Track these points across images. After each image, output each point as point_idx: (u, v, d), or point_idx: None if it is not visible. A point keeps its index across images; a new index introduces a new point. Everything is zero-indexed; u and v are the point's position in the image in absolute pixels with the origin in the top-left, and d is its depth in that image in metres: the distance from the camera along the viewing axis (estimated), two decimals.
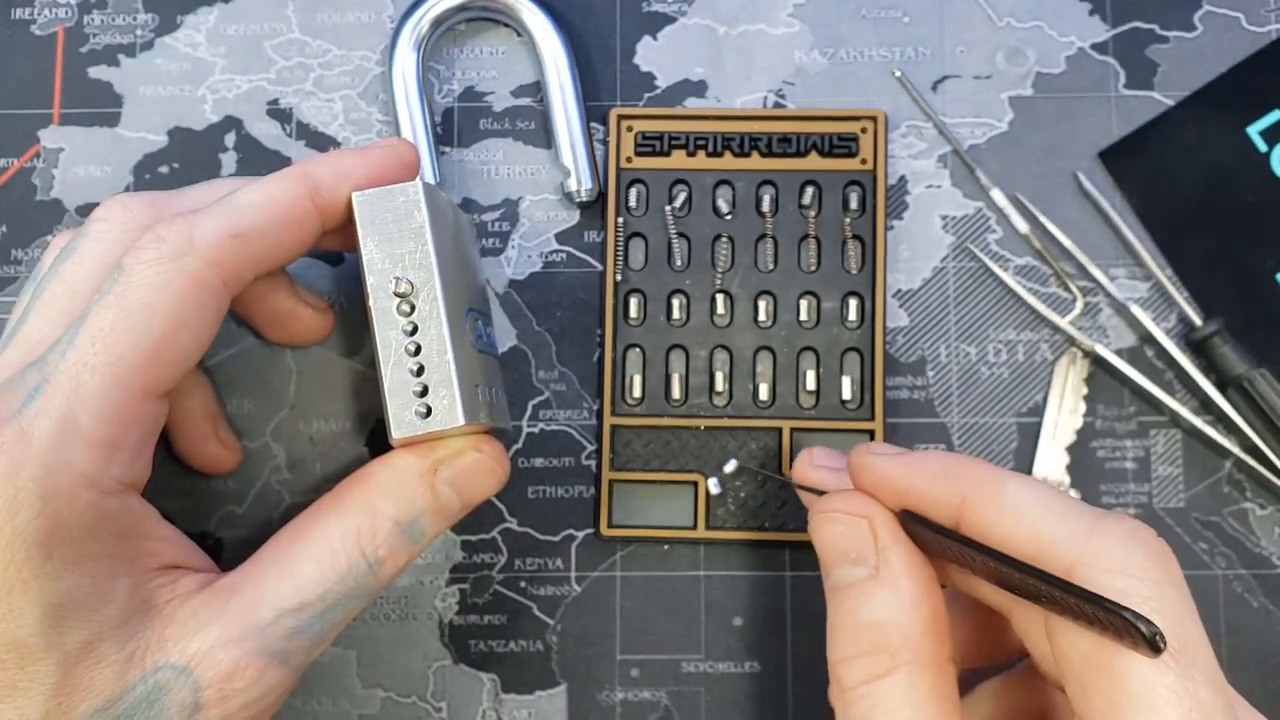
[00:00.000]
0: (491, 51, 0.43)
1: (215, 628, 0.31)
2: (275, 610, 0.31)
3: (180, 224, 0.31)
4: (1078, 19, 0.42)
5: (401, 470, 0.33)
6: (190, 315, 0.31)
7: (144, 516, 0.32)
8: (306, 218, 0.33)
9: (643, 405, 0.40)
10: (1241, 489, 0.40)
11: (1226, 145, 0.41)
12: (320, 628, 0.32)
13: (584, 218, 0.42)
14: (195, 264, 0.31)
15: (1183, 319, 0.41)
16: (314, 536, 0.32)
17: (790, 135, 0.41)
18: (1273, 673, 0.39)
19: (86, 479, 0.29)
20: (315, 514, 0.33)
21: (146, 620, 0.30)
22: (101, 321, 0.30)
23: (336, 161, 0.34)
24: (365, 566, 0.32)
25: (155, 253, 0.30)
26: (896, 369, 0.41)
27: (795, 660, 0.40)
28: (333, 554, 0.32)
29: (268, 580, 0.32)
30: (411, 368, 0.32)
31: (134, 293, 0.30)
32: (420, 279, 0.33)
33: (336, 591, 0.32)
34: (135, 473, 0.31)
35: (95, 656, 0.29)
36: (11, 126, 0.42)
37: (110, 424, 0.29)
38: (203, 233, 0.31)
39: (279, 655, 0.31)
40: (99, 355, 0.29)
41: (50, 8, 0.43)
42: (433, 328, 0.32)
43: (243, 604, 0.31)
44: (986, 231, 0.41)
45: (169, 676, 0.30)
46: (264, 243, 0.32)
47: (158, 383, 0.31)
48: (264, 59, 0.43)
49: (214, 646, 0.30)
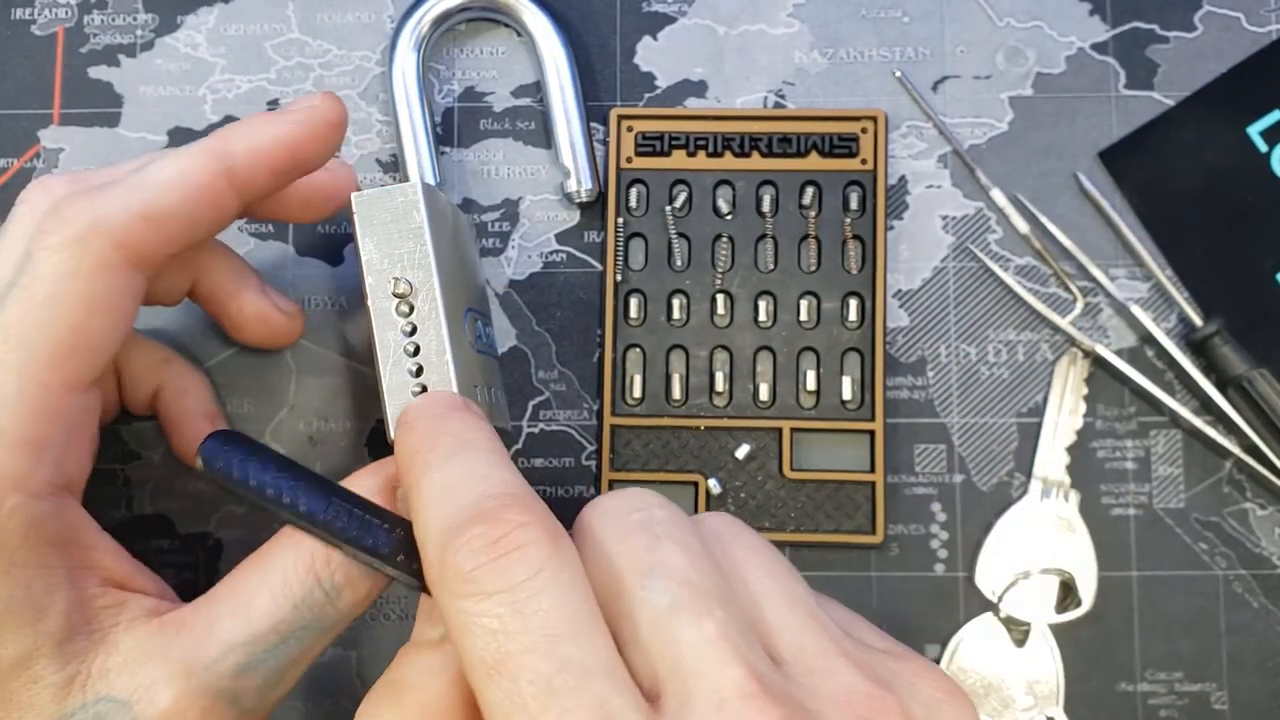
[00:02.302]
0: (491, 51, 0.43)
1: (159, 662, 0.29)
2: (223, 645, 0.29)
3: (83, 203, 0.29)
4: (1078, 19, 0.42)
5: (358, 491, 0.32)
6: (102, 301, 0.29)
7: (81, 525, 0.30)
8: (220, 195, 0.31)
9: (643, 405, 0.40)
10: (1242, 489, 0.40)
11: (1227, 145, 0.41)
12: (273, 664, 0.30)
13: (584, 218, 0.42)
14: (100, 247, 0.29)
15: (1183, 319, 0.41)
16: (269, 566, 0.30)
17: (790, 135, 0.41)
18: (1273, 673, 0.39)
19: (12, 481, 0.28)
20: (272, 544, 0.31)
21: (89, 644, 0.29)
22: (10, 316, 0.29)
23: (253, 132, 0.32)
24: (322, 594, 0.30)
25: (58, 237, 0.29)
26: (897, 369, 0.41)
27: None
28: (285, 583, 0.30)
29: (219, 614, 0.30)
30: (410, 368, 0.32)
31: (40, 284, 0.29)
32: (419, 279, 0.33)
33: (290, 622, 0.30)
34: (67, 472, 0.30)
35: (32, 675, 0.28)
36: (11, 126, 0.42)
37: (31, 423, 0.28)
38: (107, 213, 0.29)
39: (226, 695, 0.30)
40: (11, 353, 0.28)
41: (50, 8, 0.43)
42: (431, 328, 0.32)
43: (191, 638, 0.30)
44: (987, 231, 0.41)
45: (109, 709, 0.29)
46: (175, 223, 0.30)
47: (77, 374, 0.29)
48: (264, 59, 0.43)
49: (155, 682, 0.29)
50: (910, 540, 0.40)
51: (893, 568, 0.40)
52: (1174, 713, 0.39)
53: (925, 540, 0.40)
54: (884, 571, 0.40)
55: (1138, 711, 0.39)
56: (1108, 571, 0.40)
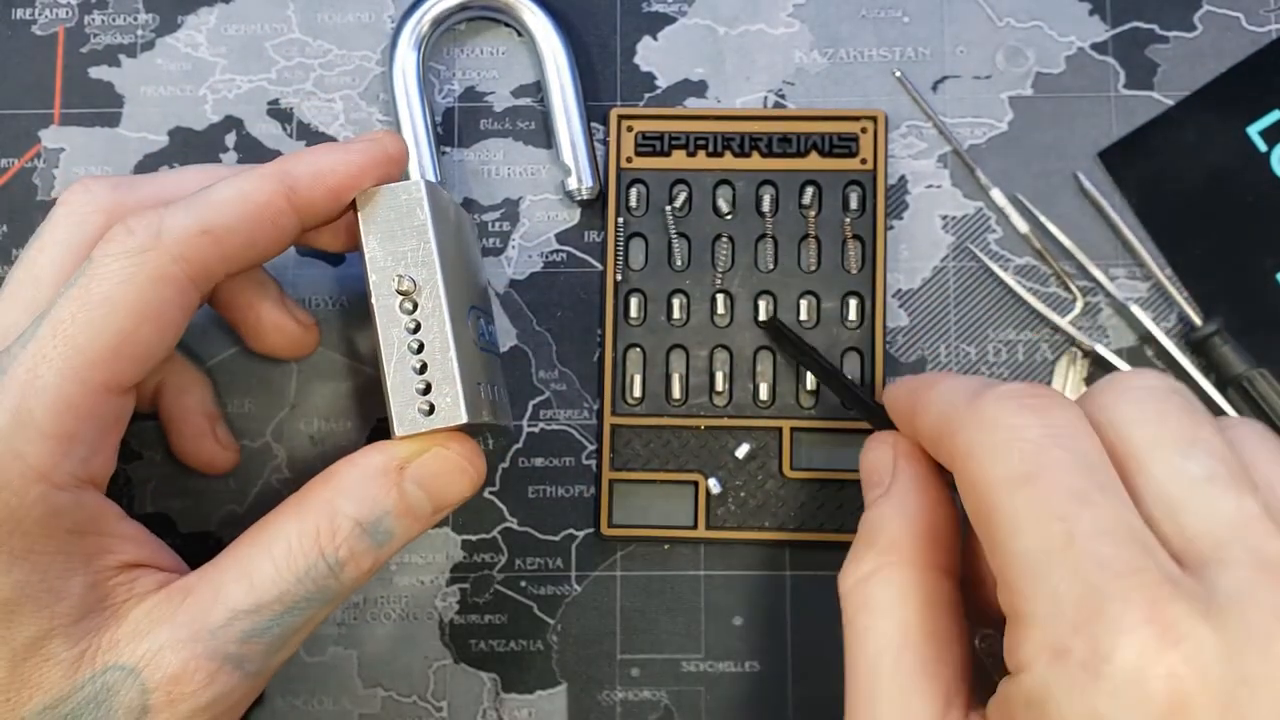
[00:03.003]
0: (491, 51, 0.43)
1: (166, 628, 0.30)
2: (229, 612, 0.30)
3: (150, 217, 0.31)
4: (1077, 19, 0.42)
5: (365, 468, 0.32)
6: (155, 310, 0.30)
7: (103, 513, 0.31)
8: (281, 217, 0.32)
9: (643, 405, 0.40)
10: None
11: (1226, 145, 0.41)
12: (277, 632, 0.31)
13: (584, 218, 0.42)
14: (161, 258, 0.30)
15: (1182, 319, 0.41)
16: (273, 537, 0.31)
17: (790, 135, 0.41)
18: None
19: (38, 472, 0.29)
20: (277, 514, 0.32)
21: (101, 619, 0.30)
22: (63, 314, 0.29)
23: (316, 159, 0.33)
24: (325, 568, 0.31)
25: (122, 245, 0.30)
26: (896, 369, 0.41)
27: (795, 660, 0.40)
28: (290, 554, 0.31)
29: (224, 581, 0.31)
30: (414, 365, 0.32)
31: (98, 285, 0.30)
32: (423, 277, 0.33)
33: (294, 593, 0.31)
34: (93, 468, 0.30)
35: (45, 654, 0.29)
36: (12, 126, 0.42)
37: (65, 417, 0.29)
38: (171, 227, 0.30)
39: (232, 659, 0.30)
40: (57, 348, 0.29)
41: (51, 8, 0.43)
42: (435, 325, 0.32)
43: (196, 605, 0.30)
44: (986, 231, 0.42)
45: (117, 677, 0.29)
46: (235, 241, 0.32)
47: (119, 377, 0.30)
48: (264, 59, 0.43)
49: (163, 648, 0.29)
50: None
51: None
52: None
53: None
54: None
55: None
56: None
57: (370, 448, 0.33)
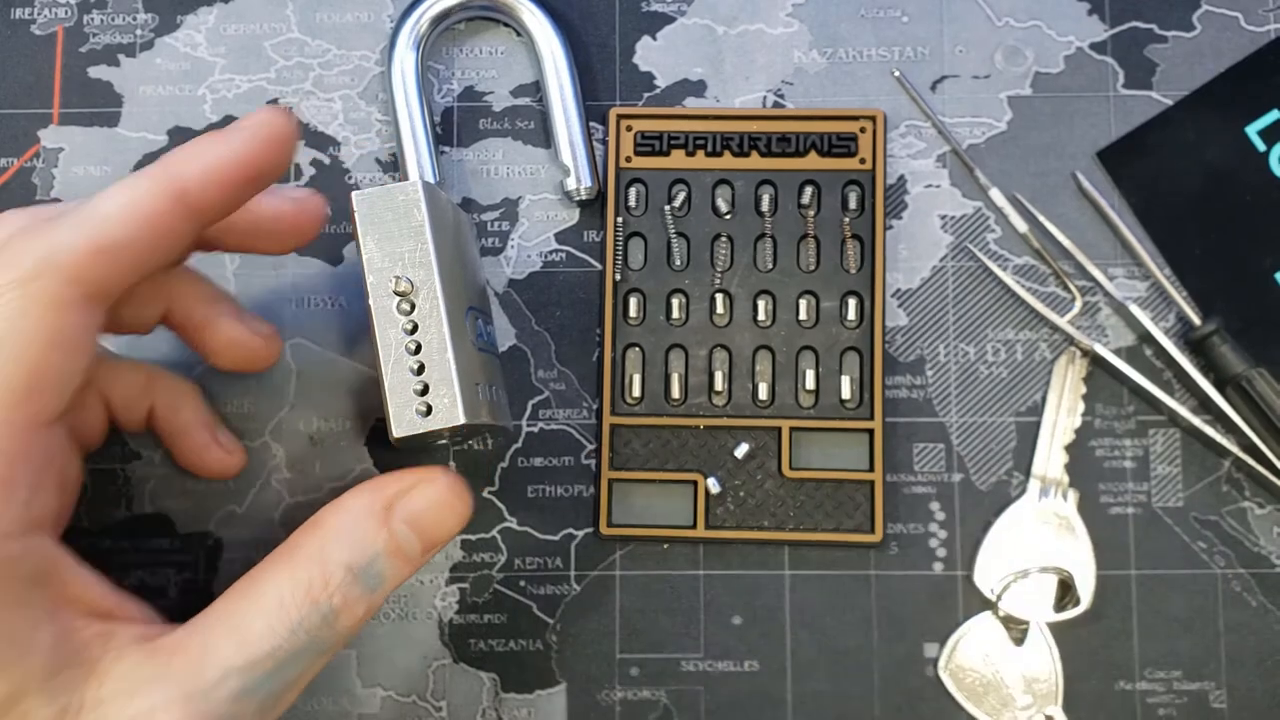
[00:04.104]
0: (491, 51, 0.43)
1: (157, 688, 0.29)
2: (221, 670, 0.29)
3: (33, 242, 0.29)
4: (1076, 19, 0.42)
5: (353, 511, 0.32)
6: (59, 337, 0.28)
7: (57, 561, 0.30)
8: (174, 221, 0.30)
9: (642, 405, 0.40)
10: (1240, 488, 0.40)
11: (1225, 145, 0.41)
12: (272, 688, 0.30)
13: (583, 217, 0.42)
14: (54, 284, 0.28)
15: (1181, 318, 0.41)
16: (264, 590, 0.30)
17: (789, 135, 0.41)
18: (1272, 672, 0.39)
19: None
20: (266, 565, 0.31)
21: (80, 675, 0.29)
22: None
23: (203, 155, 0.31)
24: (319, 619, 0.30)
25: (9, 276, 0.28)
26: (895, 368, 0.41)
27: (795, 659, 0.40)
28: (282, 608, 0.30)
29: (215, 637, 0.30)
30: (412, 366, 0.32)
31: None
32: (420, 277, 0.33)
33: (288, 647, 0.30)
34: (37, 510, 0.29)
35: (21, 712, 0.28)
36: (11, 126, 0.42)
37: None
38: (58, 249, 0.28)
39: (226, 719, 0.29)
40: None
41: (50, 8, 0.43)
42: (433, 326, 0.32)
43: (188, 663, 0.29)
44: (985, 231, 0.41)
45: None
46: (129, 254, 0.30)
47: (41, 412, 0.29)
48: (264, 59, 0.43)
49: (154, 708, 0.28)
50: (909, 539, 0.40)
51: (892, 567, 0.40)
52: (1172, 711, 0.39)
53: (924, 539, 0.40)
54: (883, 570, 0.40)
55: (1136, 710, 0.39)
56: (1106, 570, 0.40)
57: (354, 491, 0.32)
